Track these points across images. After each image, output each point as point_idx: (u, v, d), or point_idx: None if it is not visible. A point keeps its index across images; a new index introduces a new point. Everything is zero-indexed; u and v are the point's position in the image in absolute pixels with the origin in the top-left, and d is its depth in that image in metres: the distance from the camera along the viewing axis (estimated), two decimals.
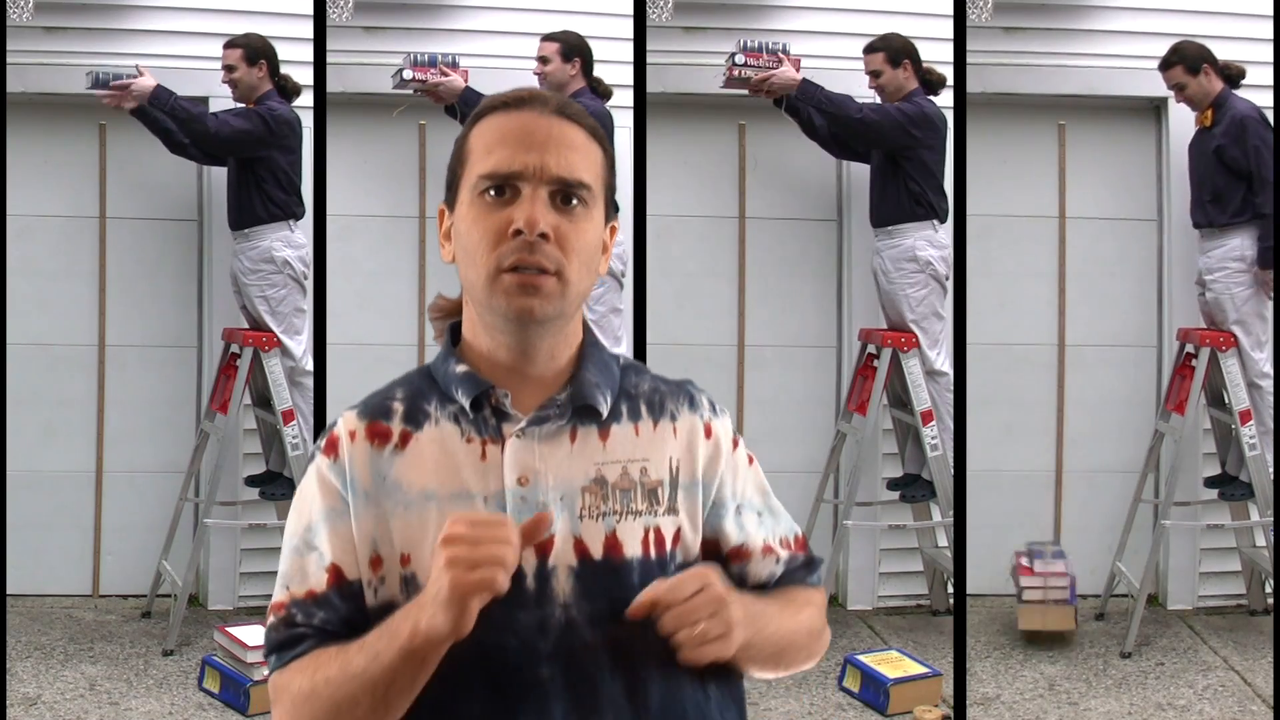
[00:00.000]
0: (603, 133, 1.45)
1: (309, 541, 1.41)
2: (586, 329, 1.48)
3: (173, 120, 4.51)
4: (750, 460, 1.54)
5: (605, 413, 1.43)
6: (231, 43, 4.59)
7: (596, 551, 1.38)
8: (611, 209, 1.46)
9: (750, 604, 1.42)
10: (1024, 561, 4.64)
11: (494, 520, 1.30)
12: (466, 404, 1.40)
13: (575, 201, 1.38)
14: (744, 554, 1.49)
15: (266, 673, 1.42)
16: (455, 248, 1.41)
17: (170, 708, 4.06)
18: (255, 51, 4.58)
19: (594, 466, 1.40)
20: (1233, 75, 4.62)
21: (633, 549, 1.40)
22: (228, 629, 4.18)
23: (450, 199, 1.43)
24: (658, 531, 1.42)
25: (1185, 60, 4.61)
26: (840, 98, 4.62)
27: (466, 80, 4.50)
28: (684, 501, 1.44)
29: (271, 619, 1.42)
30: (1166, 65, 4.65)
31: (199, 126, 4.53)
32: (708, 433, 1.47)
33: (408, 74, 4.52)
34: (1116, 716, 4.12)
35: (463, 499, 1.38)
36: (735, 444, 1.51)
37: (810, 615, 1.53)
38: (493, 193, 1.38)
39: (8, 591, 3.91)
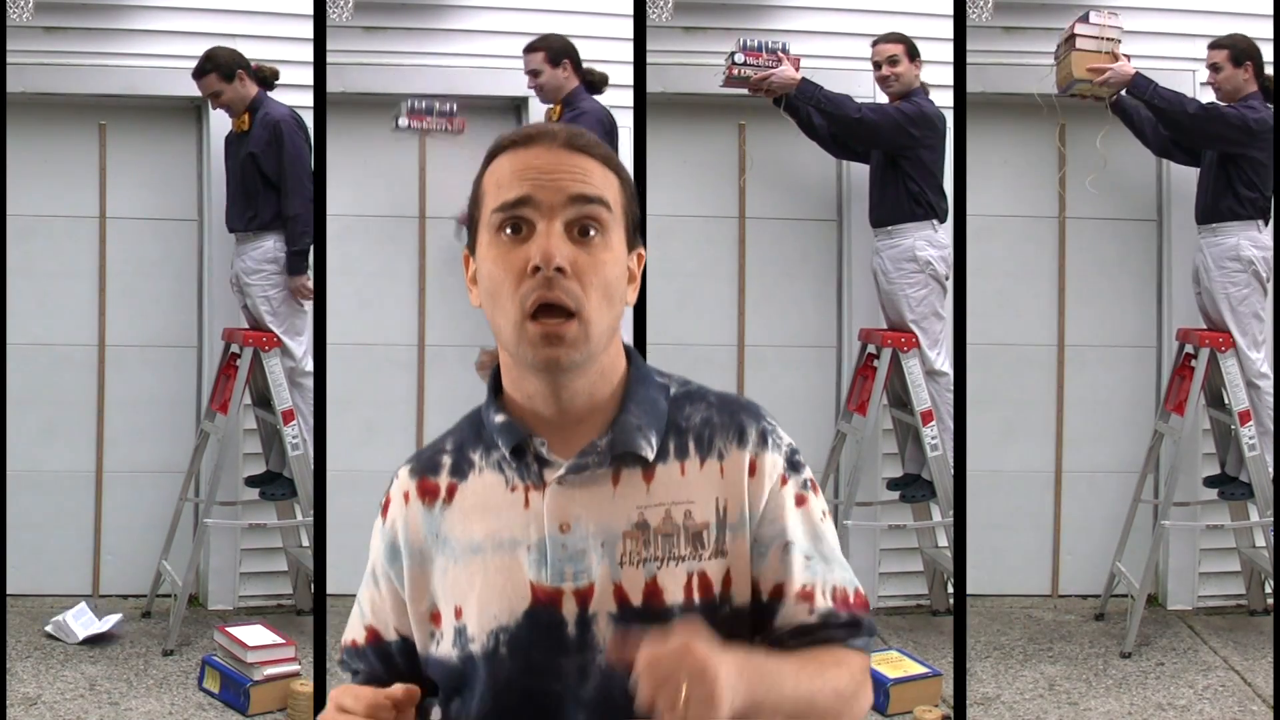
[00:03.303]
0: (618, 162, 1.42)
1: (359, 596, 1.49)
2: (633, 359, 1.45)
3: None
4: (802, 501, 1.44)
5: (651, 457, 1.39)
6: (205, 66, 4.57)
7: (636, 598, 1.36)
8: (637, 237, 1.44)
9: (761, 663, 1.32)
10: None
11: (364, 705, 1.29)
12: (507, 452, 1.40)
13: (593, 232, 1.36)
14: (779, 593, 1.42)
15: None
16: (481, 292, 1.39)
17: (170, 708, 4.06)
18: (229, 68, 4.56)
19: (636, 511, 1.38)
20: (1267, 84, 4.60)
21: (674, 595, 1.37)
22: (228, 629, 4.18)
23: (471, 243, 1.42)
24: (703, 576, 1.38)
25: (1233, 47, 4.60)
26: (839, 97, 4.62)
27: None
28: (732, 543, 1.40)
29: (337, 654, 1.53)
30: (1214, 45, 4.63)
31: None
32: (752, 470, 1.41)
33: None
34: (1116, 716, 4.12)
35: (507, 548, 1.38)
36: (784, 481, 1.43)
37: (837, 676, 1.40)
38: (509, 230, 1.36)
39: (8, 591, 3.91)
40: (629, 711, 1.32)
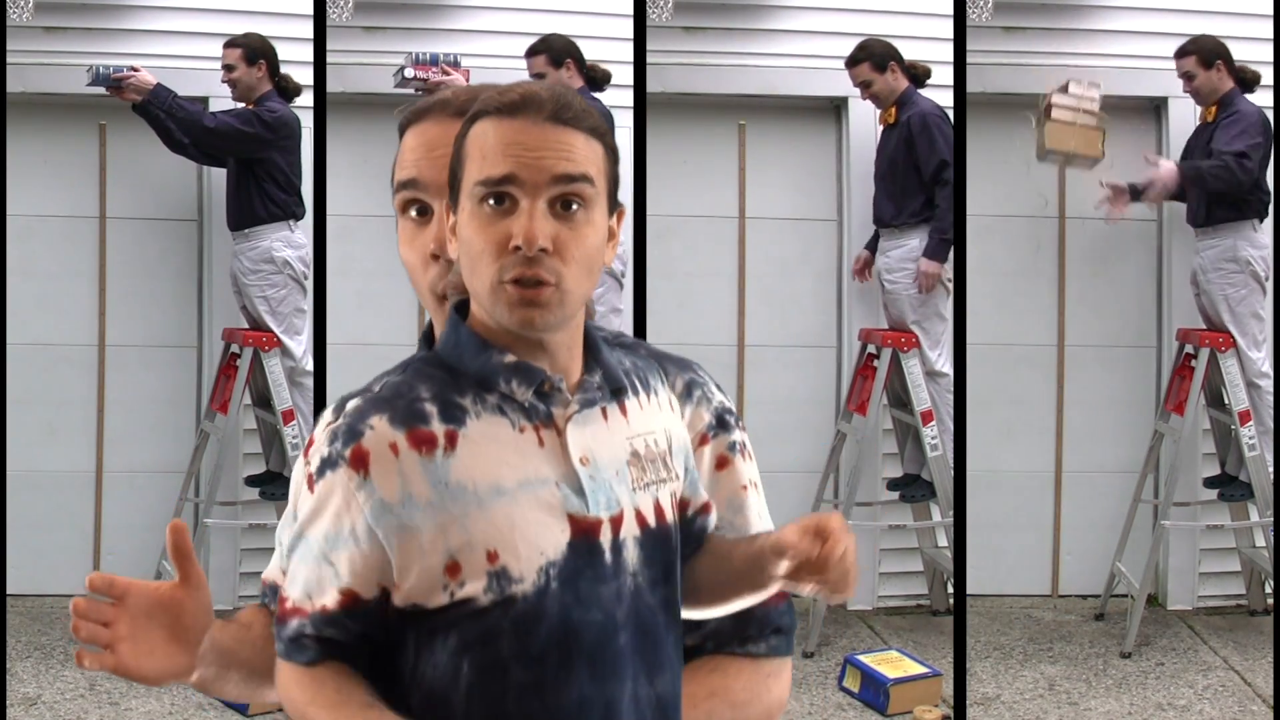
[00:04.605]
0: (604, 127, 1.43)
1: (327, 555, 1.40)
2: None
3: (171, 119, 4.52)
4: (723, 464, 1.56)
5: (628, 390, 1.47)
6: (231, 42, 4.60)
7: (651, 520, 1.43)
8: (614, 202, 1.47)
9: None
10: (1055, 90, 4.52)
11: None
12: (527, 395, 1.40)
13: (575, 206, 1.38)
14: (706, 508, 1.53)
15: (279, 648, 1.42)
16: (460, 253, 1.42)
17: (170, 708, 4.06)
18: (255, 51, 4.59)
19: (627, 441, 1.44)
20: (1248, 79, 4.60)
21: (670, 514, 1.45)
22: None
23: (453, 199, 1.44)
24: (674, 495, 1.47)
25: (1200, 52, 4.60)
26: None
27: (468, 80, 4.50)
28: (677, 468, 1.50)
29: (293, 621, 1.40)
30: (1183, 54, 4.62)
31: (196, 126, 4.54)
32: (673, 405, 1.53)
33: (409, 72, 4.52)
34: (1116, 716, 4.12)
35: (532, 485, 1.39)
36: (704, 440, 1.54)
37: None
38: (492, 201, 1.38)
39: (8, 591, 3.91)
40: (654, 627, 1.42)
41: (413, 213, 1.43)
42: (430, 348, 1.49)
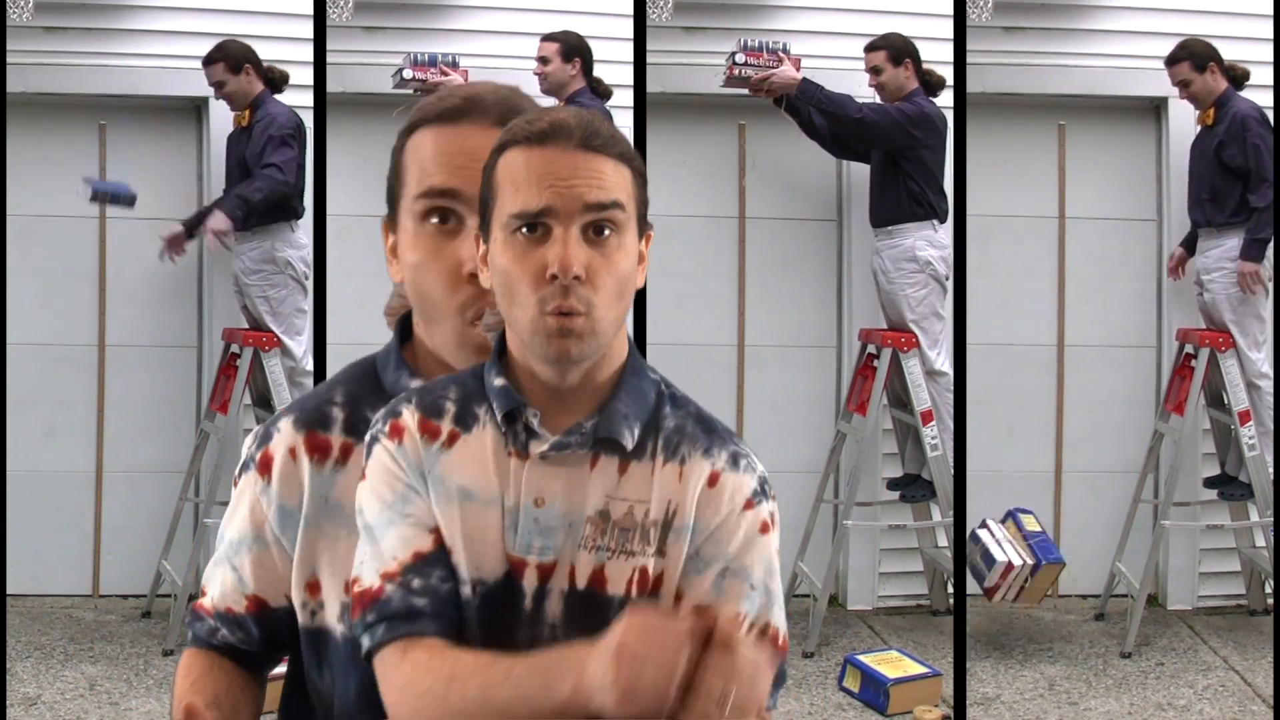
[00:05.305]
0: (632, 152, 1.43)
1: (402, 512, 1.41)
2: (632, 350, 1.47)
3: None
4: (765, 529, 1.45)
5: (630, 447, 1.42)
6: (214, 55, 4.58)
7: (581, 581, 1.40)
8: (644, 225, 1.47)
9: None
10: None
11: (664, 631, 1.27)
12: (499, 417, 1.42)
13: (608, 231, 1.39)
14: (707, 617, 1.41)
15: (366, 643, 1.40)
16: (494, 281, 1.42)
17: (170, 708, 4.06)
18: (237, 60, 4.58)
19: (604, 498, 1.41)
20: (1238, 76, 4.63)
21: (617, 587, 1.40)
22: None
23: (484, 230, 1.44)
24: (643, 571, 1.41)
25: (1193, 57, 4.62)
26: (840, 97, 4.62)
27: (466, 80, 4.50)
28: (672, 545, 1.42)
29: (388, 587, 1.38)
30: (1173, 61, 4.65)
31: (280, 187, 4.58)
32: (712, 481, 1.43)
33: (408, 74, 4.53)
34: (1116, 716, 4.12)
35: (494, 505, 1.41)
36: (750, 505, 1.44)
37: None
38: (525, 230, 1.39)
39: (8, 591, 3.91)
40: None
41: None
42: (502, 351, 1.47)
